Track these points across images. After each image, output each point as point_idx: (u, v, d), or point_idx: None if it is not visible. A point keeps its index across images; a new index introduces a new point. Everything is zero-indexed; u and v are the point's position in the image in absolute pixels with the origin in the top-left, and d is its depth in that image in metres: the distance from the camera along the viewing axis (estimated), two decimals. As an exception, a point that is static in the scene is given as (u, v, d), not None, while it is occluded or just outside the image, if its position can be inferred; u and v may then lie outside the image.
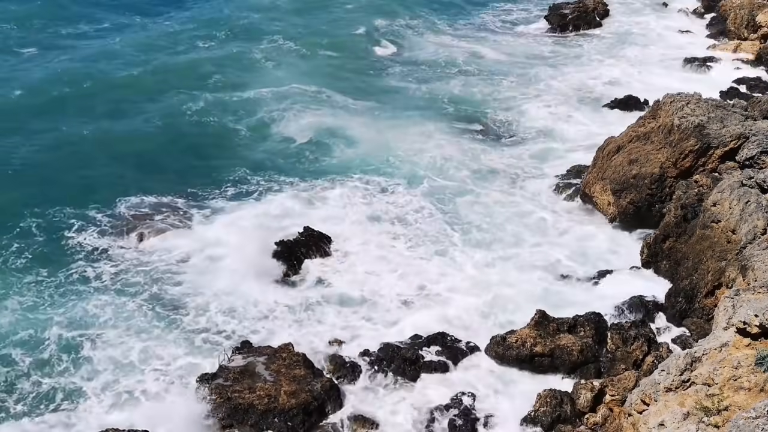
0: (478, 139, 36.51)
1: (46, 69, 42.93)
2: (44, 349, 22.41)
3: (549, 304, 24.15)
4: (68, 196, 30.08)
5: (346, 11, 55.50)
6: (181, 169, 33.00)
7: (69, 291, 24.99)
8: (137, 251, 27.31)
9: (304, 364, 21.13)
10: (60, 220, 28.74)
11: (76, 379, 21.40)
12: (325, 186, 31.89)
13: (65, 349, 22.45)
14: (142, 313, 24.05)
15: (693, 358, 15.32)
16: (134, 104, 39.26)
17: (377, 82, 43.85)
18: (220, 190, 31.49)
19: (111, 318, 23.70)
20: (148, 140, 35.57)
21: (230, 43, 48.56)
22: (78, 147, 34.43)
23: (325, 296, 25.10)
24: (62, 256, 26.76)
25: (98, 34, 49.87)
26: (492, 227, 28.94)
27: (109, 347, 22.53)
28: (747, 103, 31.17)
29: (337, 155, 34.64)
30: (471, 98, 41.28)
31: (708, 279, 22.48)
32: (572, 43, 51.16)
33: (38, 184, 31.00)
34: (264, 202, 30.54)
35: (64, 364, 21.92)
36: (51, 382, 21.30)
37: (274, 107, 39.03)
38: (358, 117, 38.41)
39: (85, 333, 23.05)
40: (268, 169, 33.26)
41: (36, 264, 26.19)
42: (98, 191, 30.64)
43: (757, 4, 48.17)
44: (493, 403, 20.76)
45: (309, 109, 39.00)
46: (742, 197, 22.54)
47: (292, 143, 35.70)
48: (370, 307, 24.56)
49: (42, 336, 22.88)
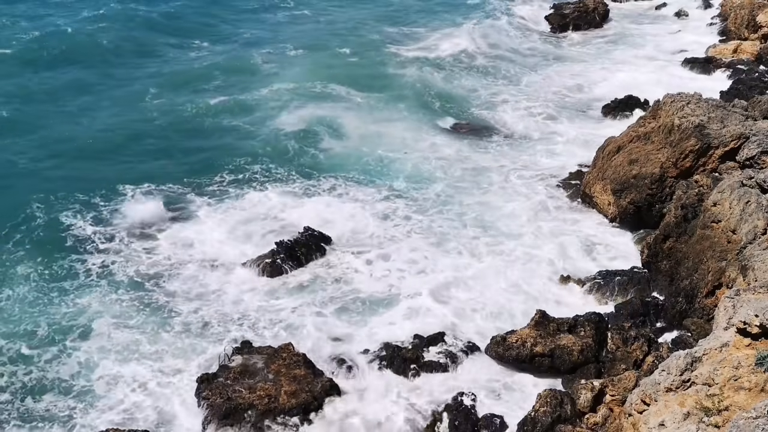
0: (477, 140, 36.49)
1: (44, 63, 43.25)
2: (41, 346, 22.39)
3: (549, 304, 24.20)
4: (63, 190, 30.26)
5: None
6: (184, 164, 33.20)
7: (63, 286, 25.00)
8: (135, 247, 27.32)
9: (305, 364, 21.12)
10: (57, 215, 28.83)
11: (76, 379, 21.39)
12: (322, 183, 31.92)
13: (63, 347, 22.44)
14: (140, 311, 24.04)
15: (693, 358, 15.32)
16: (134, 102, 39.37)
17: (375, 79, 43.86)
18: (221, 188, 31.53)
19: (107, 316, 23.69)
20: (149, 136, 35.73)
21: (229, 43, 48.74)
22: (72, 144, 34.59)
23: (325, 296, 25.09)
24: (57, 250, 26.80)
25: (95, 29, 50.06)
26: (491, 227, 28.93)
27: (106, 346, 22.52)
28: (747, 103, 31.13)
29: (327, 149, 34.71)
30: (470, 98, 41.27)
31: (708, 279, 22.47)
32: (572, 43, 51.16)
33: (35, 178, 31.20)
34: (263, 200, 30.50)
35: (63, 362, 21.90)
36: (50, 381, 21.25)
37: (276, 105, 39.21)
38: (352, 112, 38.50)
39: (80, 330, 23.05)
40: (269, 165, 33.30)
41: (31, 257, 26.21)
42: (94, 186, 30.81)
43: (757, 4, 48.16)
44: (493, 403, 20.76)
45: (306, 104, 39.22)
46: (742, 197, 22.53)
47: (287, 140, 35.70)
48: (371, 307, 24.56)
49: (35, 330, 22.90)
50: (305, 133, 36.17)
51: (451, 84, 43.27)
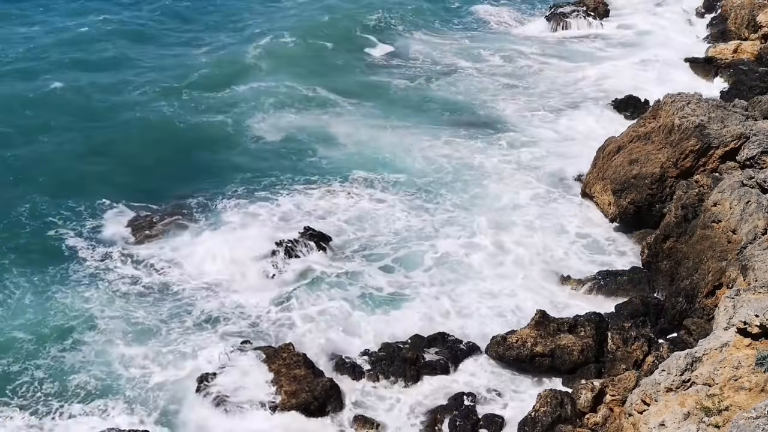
0: (475, 140, 36.43)
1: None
2: (40, 344, 22.44)
3: (549, 304, 24.20)
4: (53, 194, 30.20)
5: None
6: (173, 168, 32.91)
7: (57, 290, 24.89)
8: (127, 250, 27.28)
9: (305, 364, 21.12)
10: (48, 219, 28.77)
11: (74, 378, 21.40)
12: (321, 185, 31.92)
13: (60, 345, 22.48)
14: (139, 311, 24.03)
15: (693, 358, 15.32)
16: (122, 102, 39.17)
17: (368, 78, 43.80)
18: (215, 188, 31.25)
19: (105, 318, 23.63)
20: (138, 140, 35.42)
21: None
22: (56, 146, 34.47)
23: (325, 296, 25.08)
24: (50, 254, 26.71)
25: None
26: (490, 227, 28.91)
27: (105, 347, 22.52)
28: (747, 103, 31.12)
29: (323, 154, 34.67)
30: (468, 97, 41.23)
31: (708, 279, 22.47)
32: (571, 43, 51.14)
33: (26, 182, 31.17)
34: (262, 199, 30.45)
35: (62, 361, 21.92)
36: (47, 380, 21.27)
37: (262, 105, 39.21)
38: (347, 115, 38.49)
39: (78, 333, 23.01)
40: (261, 167, 33.11)
41: (23, 262, 26.14)
42: (80, 190, 30.58)
43: (757, 4, 48.06)
44: (494, 403, 20.79)
45: (295, 107, 39.22)
46: (742, 197, 22.54)
47: (281, 142, 35.74)
48: (371, 307, 24.56)
49: (31, 333, 22.86)
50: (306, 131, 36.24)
51: (449, 84, 43.22)
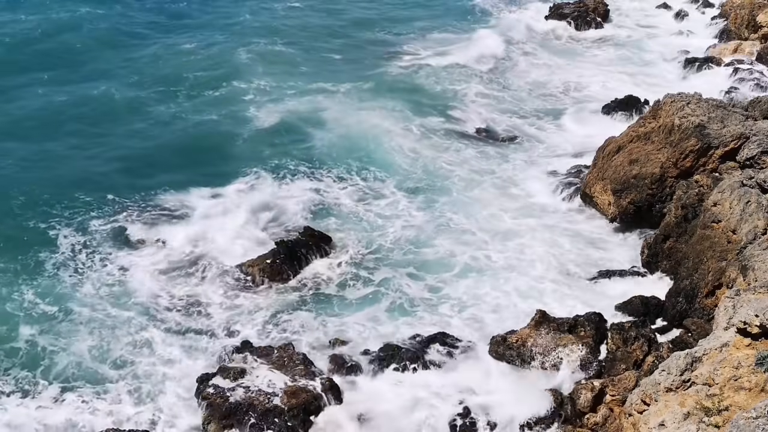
0: (474, 141, 36.46)
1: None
2: (35, 343, 22.49)
3: (549, 304, 24.19)
4: (51, 194, 30.12)
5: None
6: (172, 166, 32.92)
7: (53, 290, 24.93)
8: (123, 249, 27.25)
9: (305, 364, 21.11)
10: (42, 213, 28.80)
11: (74, 377, 21.44)
12: (320, 180, 31.98)
13: (57, 345, 22.48)
14: (137, 311, 24.04)
15: (693, 358, 15.32)
16: (119, 103, 39.07)
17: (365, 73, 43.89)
18: (213, 186, 31.13)
19: (104, 317, 23.66)
20: (131, 136, 35.56)
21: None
22: (50, 144, 34.43)
23: (325, 296, 25.12)
24: (48, 254, 26.68)
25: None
26: (490, 227, 28.91)
27: (104, 347, 22.54)
28: (747, 103, 31.12)
29: (322, 153, 34.65)
30: (467, 98, 41.22)
31: (708, 279, 22.47)
32: (571, 43, 51.13)
33: (20, 180, 31.12)
34: (262, 199, 30.39)
35: (60, 360, 21.94)
36: (46, 379, 21.33)
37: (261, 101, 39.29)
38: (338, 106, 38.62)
39: (76, 331, 23.05)
40: (260, 165, 33.06)
41: (20, 260, 26.18)
42: (76, 189, 30.51)
43: (757, 4, 48.08)
44: (494, 403, 20.75)
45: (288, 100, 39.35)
46: (742, 197, 22.54)
47: (279, 136, 35.85)
48: (371, 307, 24.56)
49: (26, 332, 22.92)
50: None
51: (447, 84, 43.21)
